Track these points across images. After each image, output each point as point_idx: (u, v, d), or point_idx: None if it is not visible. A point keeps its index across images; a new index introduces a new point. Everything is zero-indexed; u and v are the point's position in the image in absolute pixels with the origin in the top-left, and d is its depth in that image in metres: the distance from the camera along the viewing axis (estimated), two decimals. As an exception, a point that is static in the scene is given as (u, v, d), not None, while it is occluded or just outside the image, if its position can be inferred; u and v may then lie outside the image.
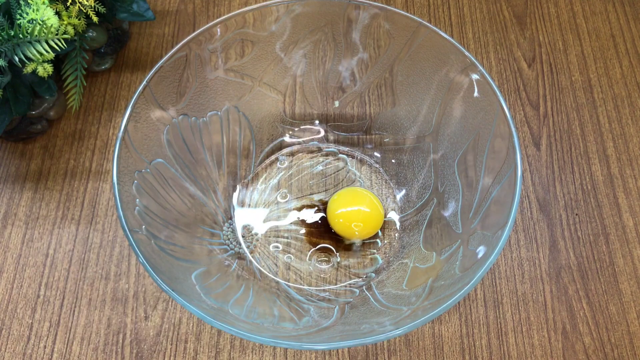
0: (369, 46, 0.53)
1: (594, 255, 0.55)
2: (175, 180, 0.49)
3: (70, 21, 0.52)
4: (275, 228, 0.55)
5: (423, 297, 0.44)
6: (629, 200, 0.57)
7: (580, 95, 0.63)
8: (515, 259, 0.54)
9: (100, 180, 0.58)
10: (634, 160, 0.60)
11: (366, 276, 0.52)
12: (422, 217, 0.53)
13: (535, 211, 0.57)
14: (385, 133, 0.58)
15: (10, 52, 0.48)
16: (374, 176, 0.58)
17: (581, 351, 0.51)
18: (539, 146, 0.60)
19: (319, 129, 0.60)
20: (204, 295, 0.43)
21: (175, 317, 0.51)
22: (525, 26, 0.68)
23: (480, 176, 0.48)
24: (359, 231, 0.53)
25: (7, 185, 0.58)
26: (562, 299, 0.53)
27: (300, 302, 0.50)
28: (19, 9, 0.49)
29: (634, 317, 0.52)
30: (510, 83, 0.64)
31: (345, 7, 0.50)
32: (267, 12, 0.50)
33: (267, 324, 0.44)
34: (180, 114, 0.50)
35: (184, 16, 0.68)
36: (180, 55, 0.48)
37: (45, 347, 0.50)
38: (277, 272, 0.52)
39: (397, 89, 0.55)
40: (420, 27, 0.49)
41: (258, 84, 0.55)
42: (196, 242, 0.50)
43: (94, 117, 0.61)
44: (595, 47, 0.67)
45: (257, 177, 0.57)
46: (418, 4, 0.69)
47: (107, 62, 0.63)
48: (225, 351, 0.50)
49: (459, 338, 0.51)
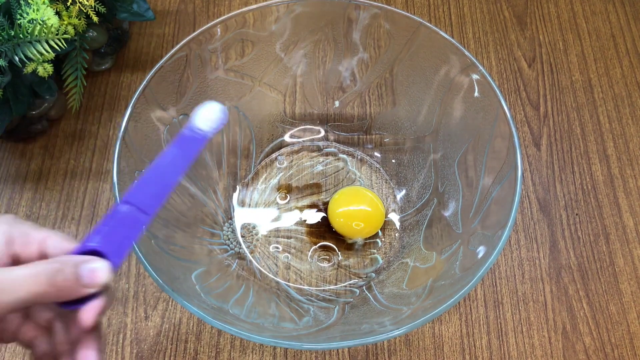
0: (369, 46, 0.53)
1: (594, 255, 0.55)
2: (175, 180, 0.49)
3: (71, 21, 0.52)
4: (275, 228, 0.55)
5: (423, 297, 0.44)
6: (629, 200, 0.57)
7: (580, 95, 0.63)
8: (516, 259, 0.54)
9: (100, 180, 0.58)
10: (634, 160, 0.60)
11: (366, 276, 0.52)
12: (423, 217, 0.53)
13: (535, 211, 0.57)
14: (386, 133, 0.58)
15: (11, 52, 0.48)
16: (374, 176, 0.58)
17: (581, 351, 0.51)
18: (539, 146, 0.60)
19: (319, 128, 0.60)
20: (204, 295, 0.43)
21: (175, 317, 0.51)
22: (526, 26, 0.68)
23: (480, 176, 0.48)
24: (360, 230, 0.53)
25: (7, 185, 0.58)
26: (562, 299, 0.53)
27: (301, 302, 0.50)
28: (19, 8, 0.49)
29: (634, 317, 0.52)
30: (510, 83, 0.64)
31: (345, 7, 0.50)
32: (267, 12, 0.50)
33: (267, 324, 0.44)
34: (181, 114, 0.50)
35: (184, 16, 0.68)
36: (181, 55, 0.48)
37: (45, 347, 0.50)
38: (277, 272, 0.52)
39: (397, 89, 0.55)
40: (420, 27, 0.49)
41: (258, 84, 0.55)
42: (196, 242, 0.50)
43: (94, 117, 0.61)
44: (596, 47, 0.67)
45: (257, 177, 0.57)
46: (418, 4, 0.69)
47: (107, 62, 0.63)
48: (225, 351, 0.50)
49: (459, 338, 0.51)
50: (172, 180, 0.35)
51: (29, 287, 0.28)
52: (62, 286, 0.29)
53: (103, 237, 0.32)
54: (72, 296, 0.29)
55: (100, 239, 0.31)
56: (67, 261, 0.29)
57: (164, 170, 0.35)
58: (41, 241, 0.31)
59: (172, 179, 0.35)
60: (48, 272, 0.28)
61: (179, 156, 0.36)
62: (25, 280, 0.28)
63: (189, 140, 0.36)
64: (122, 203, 0.33)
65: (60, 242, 0.31)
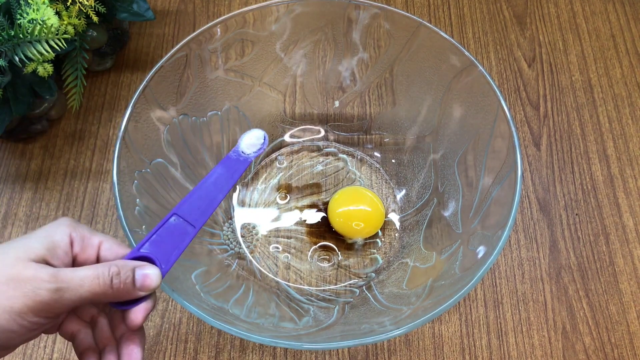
0: (369, 46, 0.53)
1: (594, 255, 0.55)
2: (175, 180, 0.49)
3: (71, 21, 0.52)
4: (275, 228, 0.55)
5: (423, 297, 0.44)
6: (629, 200, 0.57)
7: (580, 95, 0.63)
8: (515, 259, 0.54)
9: (100, 180, 0.58)
10: (634, 160, 0.60)
11: (366, 276, 0.52)
12: (422, 217, 0.53)
13: (535, 211, 0.57)
14: (385, 133, 0.58)
15: (11, 52, 0.48)
16: (374, 176, 0.58)
17: (581, 351, 0.51)
18: (539, 146, 0.60)
19: (319, 128, 0.60)
20: (203, 295, 0.43)
21: (175, 317, 0.51)
22: (525, 26, 0.68)
23: (480, 176, 0.48)
24: (360, 230, 0.53)
25: (7, 185, 0.58)
26: (562, 299, 0.53)
27: (300, 302, 0.50)
28: (19, 8, 0.49)
29: (634, 317, 0.52)
30: (510, 83, 0.64)
31: (345, 7, 0.50)
32: (267, 12, 0.50)
33: (267, 324, 0.44)
34: (181, 114, 0.50)
35: (184, 16, 0.68)
36: (181, 55, 0.48)
37: (45, 347, 0.50)
38: (277, 272, 0.52)
39: (397, 89, 0.55)
40: (420, 27, 0.49)
41: (258, 84, 0.55)
42: (196, 242, 0.50)
43: (94, 117, 0.61)
44: (596, 47, 0.67)
45: (257, 177, 0.57)
46: (418, 4, 0.69)
47: (107, 62, 0.63)
48: (225, 351, 0.50)
49: (459, 338, 0.51)
50: (218, 197, 0.39)
51: (91, 287, 0.31)
52: (119, 288, 0.32)
53: (154, 245, 0.35)
54: (127, 298, 0.33)
55: (151, 247, 0.35)
56: (124, 265, 0.32)
57: (211, 188, 0.39)
58: (98, 245, 0.34)
59: (217, 196, 0.39)
60: (108, 274, 0.31)
61: (224, 176, 0.40)
62: (88, 281, 0.31)
63: (234, 162, 0.41)
64: (172, 215, 0.37)
65: (114, 246, 0.34)
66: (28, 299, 0.29)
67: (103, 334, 0.35)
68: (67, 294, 0.30)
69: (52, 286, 0.30)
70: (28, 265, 0.30)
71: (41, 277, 0.30)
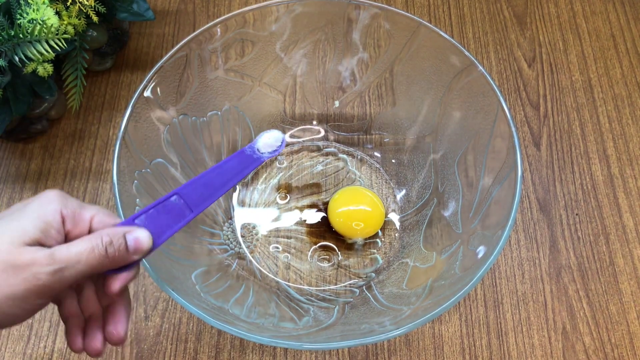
0: (369, 46, 0.53)
1: (594, 255, 0.55)
2: (175, 180, 0.49)
3: (71, 21, 0.52)
4: (275, 228, 0.55)
5: (423, 297, 0.44)
6: (629, 200, 0.57)
7: (580, 95, 0.63)
8: (515, 259, 0.54)
9: (100, 180, 0.58)
10: (634, 160, 0.60)
11: (366, 276, 0.52)
12: (422, 217, 0.53)
13: (535, 211, 0.57)
14: (385, 133, 0.58)
15: (11, 52, 0.48)
16: (374, 176, 0.58)
17: (581, 351, 0.51)
18: (539, 146, 0.60)
19: (319, 128, 0.60)
20: (203, 295, 0.43)
21: (175, 317, 0.51)
22: (526, 26, 0.68)
23: (480, 176, 0.48)
24: (360, 229, 0.53)
25: (7, 185, 0.58)
26: (562, 299, 0.53)
27: (300, 302, 0.50)
28: (19, 8, 0.49)
29: (634, 317, 0.52)
30: (510, 83, 0.64)
31: (345, 7, 0.50)
32: (267, 12, 0.50)
33: (267, 324, 0.44)
34: (181, 114, 0.50)
35: (184, 16, 0.68)
36: (181, 55, 0.48)
37: (45, 347, 0.50)
38: (277, 272, 0.52)
39: (397, 89, 0.55)
40: (420, 27, 0.49)
41: (258, 84, 0.55)
42: (196, 242, 0.50)
43: (94, 117, 0.61)
44: (596, 47, 0.67)
45: (257, 177, 0.57)
46: (418, 4, 0.69)
47: (107, 62, 0.63)
48: (225, 351, 0.50)
49: (459, 338, 0.51)
50: (222, 188, 0.38)
51: (88, 261, 0.31)
52: (114, 256, 0.32)
53: (149, 218, 0.35)
54: (122, 264, 0.33)
55: (146, 220, 0.34)
56: (115, 233, 0.32)
57: (218, 177, 0.38)
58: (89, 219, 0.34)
59: (222, 187, 0.38)
60: (102, 245, 0.31)
61: (235, 169, 0.39)
62: (85, 256, 0.31)
63: (247, 158, 0.41)
64: (173, 194, 0.36)
65: (105, 218, 0.34)
66: (29, 283, 0.29)
67: (89, 302, 0.35)
68: (66, 273, 0.30)
69: (50, 269, 0.30)
70: (24, 250, 0.30)
71: (39, 261, 0.30)
